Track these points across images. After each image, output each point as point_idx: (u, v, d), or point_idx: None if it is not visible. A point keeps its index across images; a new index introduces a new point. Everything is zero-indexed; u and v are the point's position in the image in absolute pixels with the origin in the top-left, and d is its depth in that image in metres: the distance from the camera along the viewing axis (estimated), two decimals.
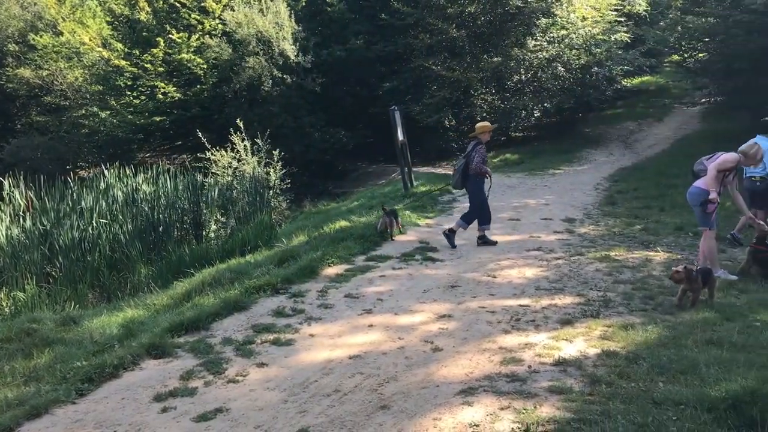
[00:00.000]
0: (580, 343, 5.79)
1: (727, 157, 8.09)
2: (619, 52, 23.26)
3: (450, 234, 10.14)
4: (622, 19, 23.95)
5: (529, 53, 21.20)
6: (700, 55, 20.68)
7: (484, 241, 10.15)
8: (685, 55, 21.91)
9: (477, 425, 4.32)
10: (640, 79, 30.96)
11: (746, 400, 4.27)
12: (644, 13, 26.74)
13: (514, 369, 5.24)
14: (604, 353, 5.46)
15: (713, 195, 7.93)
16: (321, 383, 5.19)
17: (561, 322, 6.37)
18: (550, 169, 17.91)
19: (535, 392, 4.77)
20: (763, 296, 7.22)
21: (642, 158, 19.49)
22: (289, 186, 17.48)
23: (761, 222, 8.34)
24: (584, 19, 22.20)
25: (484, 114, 21.32)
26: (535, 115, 22.55)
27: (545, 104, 22.15)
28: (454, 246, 9.99)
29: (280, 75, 20.90)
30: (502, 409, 4.53)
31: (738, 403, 4.27)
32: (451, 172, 19.14)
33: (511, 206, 13.12)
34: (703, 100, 23.20)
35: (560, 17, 21.77)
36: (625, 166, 18.50)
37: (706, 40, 19.01)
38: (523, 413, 4.41)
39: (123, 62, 21.65)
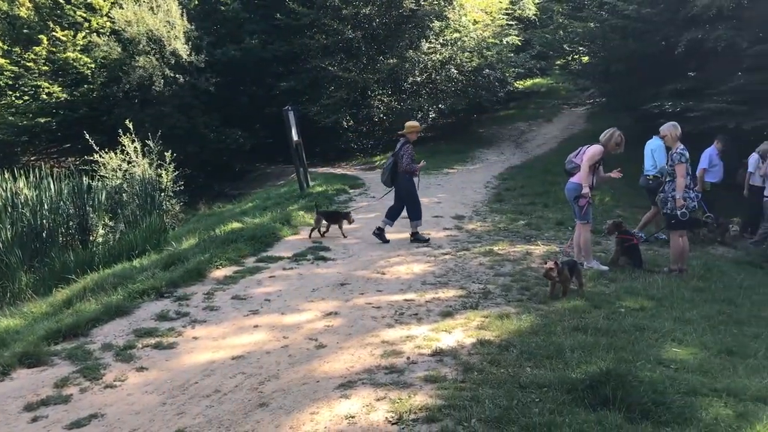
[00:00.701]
0: (459, 333, 6.02)
1: (593, 150, 8.63)
2: (511, 55, 24.15)
3: (380, 232, 10.36)
4: (513, 23, 24.88)
5: (423, 55, 21.65)
6: (584, 59, 21.75)
7: (416, 237, 10.38)
8: (569, 58, 22.97)
9: (353, 417, 4.43)
10: (531, 81, 32.16)
11: (602, 380, 4.59)
12: (534, 17, 27.88)
13: (393, 361, 5.40)
14: (479, 342, 5.72)
15: (585, 189, 8.45)
16: (201, 384, 5.17)
17: (442, 315, 6.61)
18: (445, 168, 18.38)
19: (411, 382, 4.94)
20: (631, 284, 7.75)
21: (531, 157, 20.31)
22: (182, 188, 17.12)
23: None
24: (476, 22, 22.91)
25: (381, 115, 21.62)
26: (431, 116, 23.03)
27: (440, 105, 22.68)
28: (386, 242, 10.24)
29: (172, 75, 20.42)
30: (378, 400, 4.67)
31: (594, 383, 4.58)
32: (350, 173, 19.48)
33: None
34: (589, 101, 24.39)
35: (453, 20, 22.37)
36: (514, 164, 19.23)
37: (587, 43, 20.01)
38: (398, 403, 4.56)
39: (2, 60, 20.53)
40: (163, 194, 15.96)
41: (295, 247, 9.89)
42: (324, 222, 10.65)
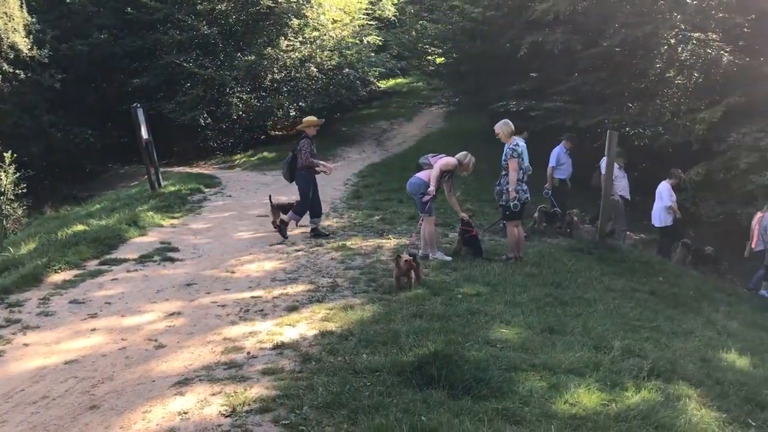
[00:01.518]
0: (303, 326, 6.13)
1: (449, 161, 9.09)
2: (371, 54, 24.58)
3: (282, 226, 10.34)
4: (373, 23, 25.33)
5: (282, 53, 21.58)
6: (438, 59, 22.54)
7: (316, 233, 10.37)
8: (422, 59, 23.72)
9: (186, 412, 4.41)
10: (393, 81, 32.89)
11: (429, 361, 4.86)
12: (393, 18, 28.52)
13: (233, 357, 5.42)
14: (320, 334, 5.85)
15: (432, 188, 8.84)
16: (28, 391, 4.95)
17: (288, 309, 6.69)
18: None
19: (249, 376, 4.99)
20: (470, 272, 8.19)
21: (390, 155, 20.81)
22: (25, 191, 16.06)
23: (460, 210, 9.43)
24: (335, 21, 23.12)
25: (240, 113, 21.30)
26: (291, 114, 22.99)
27: (300, 103, 22.69)
28: (285, 237, 10.23)
29: (11, 70, 19.08)
30: (213, 394, 4.67)
31: (422, 365, 4.84)
32: (207, 172, 19.07)
33: (262, 203, 13.29)
34: (446, 101, 25.27)
35: (312, 19, 22.45)
36: (374, 162, 19.63)
37: (439, 44, 20.78)
38: (233, 396, 4.59)
39: None
40: (2, 197, 14.91)
41: (142, 249, 9.59)
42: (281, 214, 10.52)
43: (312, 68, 22.03)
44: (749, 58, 15.70)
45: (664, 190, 12.40)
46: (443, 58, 22.06)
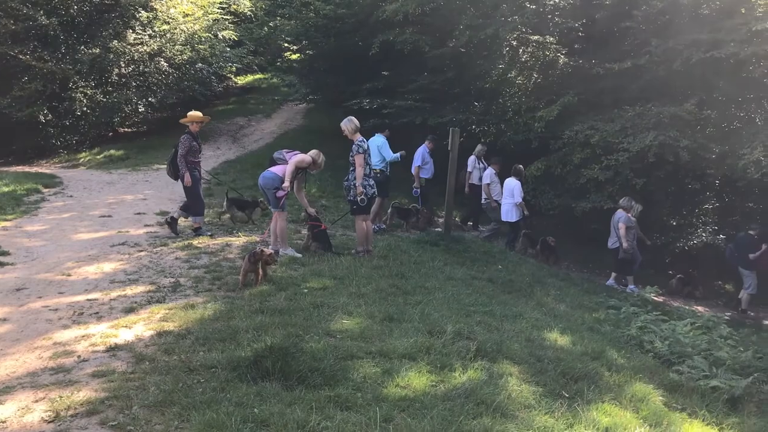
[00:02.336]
0: (140, 327, 5.96)
1: (304, 157, 9.15)
2: (227, 49, 24.08)
3: (171, 221, 10.20)
4: (229, 18, 24.82)
5: (129, 46, 20.66)
6: (293, 56, 22.51)
7: (198, 233, 10.04)
8: (278, 55, 23.62)
9: (4, 421, 4.19)
10: (252, 76, 32.42)
11: (265, 354, 4.91)
12: (249, 12, 28.08)
13: (62, 361, 5.18)
14: (157, 334, 5.72)
15: (286, 184, 8.87)
16: None
17: (126, 311, 6.48)
18: (155, 164, 17.77)
19: (77, 380, 4.80)
20: (318, 267, 8.29)
21: (246, 152, 20.52)
22: None
23: (308, 206, 9.56)
24: (186, 15, 22.45)
25: (85, 108, 20.17)
26: (140, 110, 22.07)
27: (150, 99, 21.85)
28: (177, 234, 10.11)
29: None
30: (36, 401, 4.46)
31: (258, 359, 4.88)
32: (48, 171, 17.90)
33: (106, 203, 12.76)
34: (301, 98, 25.25)
35: (161, 12, 21.67)
36: (229, 159, 19.27)
37: (291, 40, 20.78)
38: (57, 401, 4.40)
39: None
40: None
41: None
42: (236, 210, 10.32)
43: (162, 62, 21.28)
44: (582, 60, 16.98)
45: (515, 188, 13.03)
46: (298, 55, 22.05)
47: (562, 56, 17.04)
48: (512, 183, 13.07)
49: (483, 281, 8.92)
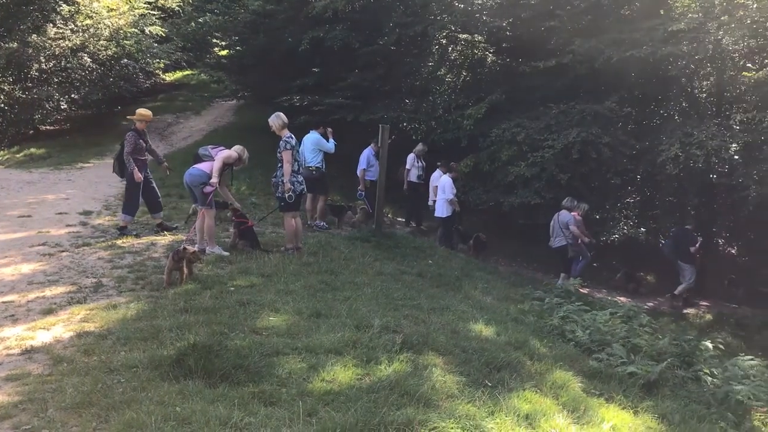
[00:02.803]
0: (58, 329, 5.80)
1: (231, 153, 9.07)
2: (154, 45, 23.48)
3: (160, 226, 10.21)
4: (156, 13, 24.20)
5: (50, 41, 19.90)
6: (222, 52, 22.18)
7: (124, 232, 9.80)
8: (207, 51, 23.24)
9: None
10: (181, 73, 31.72)
11: (188, 353, 4.85)
12: (177, 8, 27.44)
13: None
14: (77, 335, 5.58)
15: (214, 180, 8.76)
16: None
17: (44, 313, 6.29)
18: (79, 162, 17.23)
19: None
20: (246, 265, 8.22)
21: (175, 149, 20.06)
22: None
23: (234, 201, 9.52)
24: (111, 10, 21.79)
25: (2, 105, 19.34)
26: (62, 106, 21.31)
27: (73, 95, 21.14)
28: (174, 227, 10.27)
29: None
30: None
31: (181, 357, 4.82)
32: None
33: (26, 203, 12.26)
34: (231, 94, 24.88)
35: (84, 6, 20.95)
36: None
37: (220, 36, 20.49)
38: None
39: None
40: None
41: None
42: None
43: (86, 58, 20.58)
44: (509, 58, 17.36)
45: (446, 184, 13.17)
46: (227, 51, 21.73)
47: (490, 55, 17.39)
48: (444, 179, 13.22)
49: (412, 276, 9.02)
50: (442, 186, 13.22)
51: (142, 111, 10.38)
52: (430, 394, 4.77)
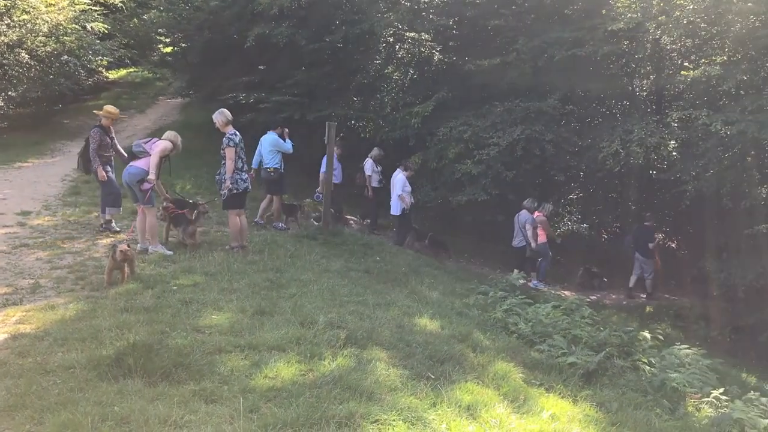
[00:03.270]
0: None
1: (165, 145, 8.92)
2: (96, 41, 22.90)
3: (107, 225, 9.88)
4: (98, 9, 23.59)
5: None
6: (167, 49, 21.80)
7: (107, 227, 9.69)
8: (150, 48, 22.82)
9: None
10: (125, 70, 31.04)
11: (127, 352, 4.78)
12: (120, 4, 26.83)
13: None
14: (12, 337, 5.42)
15: (152, 176, 8.60)
16: None
17: None
18: (17, 162, 16.67)
19: None
20: (190, 264, 8.12)
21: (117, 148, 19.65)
22: None
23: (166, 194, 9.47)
24: (50, 5, 21.16)
25: None
26: None
27: (10, 92, 20.48)
28: (118, 231, 9.82)
29: None
30: None
31: (120, 357, 4.74)
32: None
33: None
34: (176, 92, 24.47)
35: (21, 1, 20.30)
36: None
37: (164, 32, 20.14)
38: None
39: None
40: None
41: None
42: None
43: (23, 54, 19.92)
44: (456, 56, 17.53)
45: (398, 182, 13.19)
46: (172, 48, 21.37)
47: (437, 53, 17.55)
48: (397, 177, 13.26)
49: (359, 272, 9.05)
50: (393, 183, 13.28)
51: (109, 108, 10.19)
52: (373, 388, 4.81)
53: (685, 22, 13.81)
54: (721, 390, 6.76)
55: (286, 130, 12.01)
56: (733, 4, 12.40)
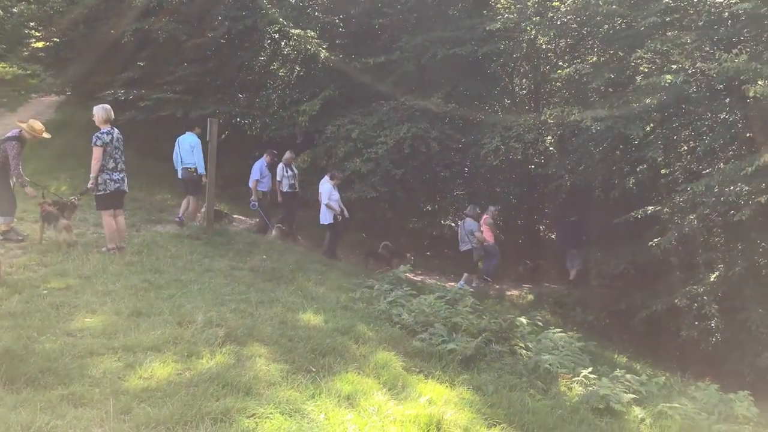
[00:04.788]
0: None
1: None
2: None
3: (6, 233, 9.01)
4: None
5: None
6: (38, 44, 20.64)
7: (5, 237, 8.87)
8: (18, 43, 21.54)
9: None
10: None
11: None
12: None
13: None
14: None
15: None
16: None
17: None
18: None
19: None
20: (62, 267, 7.76)
21: None
22: None
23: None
24: None
25: None
26: None
27: None
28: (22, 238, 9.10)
29: None
30: None
31: None
32: None
33: None
34: (49, 89, 23.18)
35: None
36: None
37: (34, 26, 19.09)
38: None
39: None
40: None
41: None
42: None
43: None
44: (342, 54, 17.61)
45: (324, 191, 13.31)
46: (43, 43, 20.22)
47: (323, 50, 17.52)
48: (323, 186, 13.37)
49: (244, 271, 8.95)
50: (320, 192, 13.40)
51: (35, 126, 9.35)
52: (252, 383, 4.79)
53: (558, 23, 14.51)
54: (590, 369, 7.20)
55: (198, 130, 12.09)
56: (600, 6, 13.13)
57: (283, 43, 17.66)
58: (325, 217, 13.24)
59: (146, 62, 16.33)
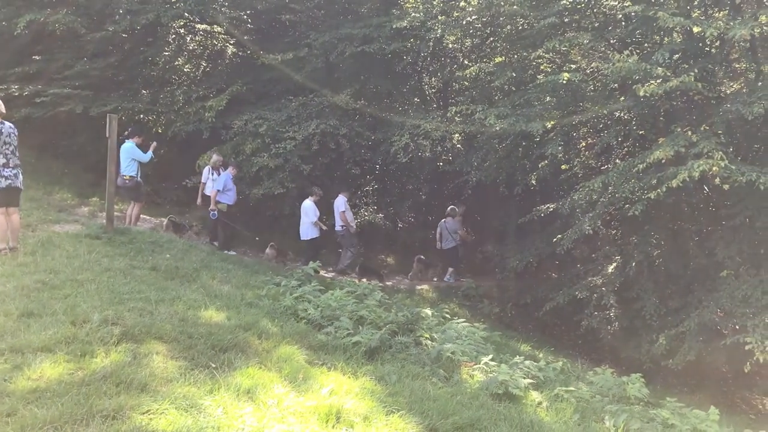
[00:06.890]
0: None
1: None
2: None
3: None
4: None
5: None
6: None
7: None
8: None
9: None
10: None
11: None
12: None
13: None
14: None
15: None
16: None
17: None
18: None
19: None
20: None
21: None
22: None
23: None
24: None
25: None
26: None
27: None
28: None
29: None
30: None
31: None
32: None
33: None
34: None
35: None
36: None
37: None
38: None
39: None
40: None
41: None
42: None
43: None
44: (250, 50, 17.42)
45: (309, 208, 13.56)
46: None
47: (230, 46, 17.32)
48: (308, 204, 13.69)
49: (145, 270, 8.69)
50: (305, 210, 13.69)
51: None
52: (148, 380, 4.70)
53: (464, 22, 14.85)
54: (490, 356, 7.43)
55: (154, 143, 12.48)
56: (502, 6, 13.50)
57: (188, 38, 17.29)
58: (308, 233, 13.76)
59: (42, 56, 15.61)
